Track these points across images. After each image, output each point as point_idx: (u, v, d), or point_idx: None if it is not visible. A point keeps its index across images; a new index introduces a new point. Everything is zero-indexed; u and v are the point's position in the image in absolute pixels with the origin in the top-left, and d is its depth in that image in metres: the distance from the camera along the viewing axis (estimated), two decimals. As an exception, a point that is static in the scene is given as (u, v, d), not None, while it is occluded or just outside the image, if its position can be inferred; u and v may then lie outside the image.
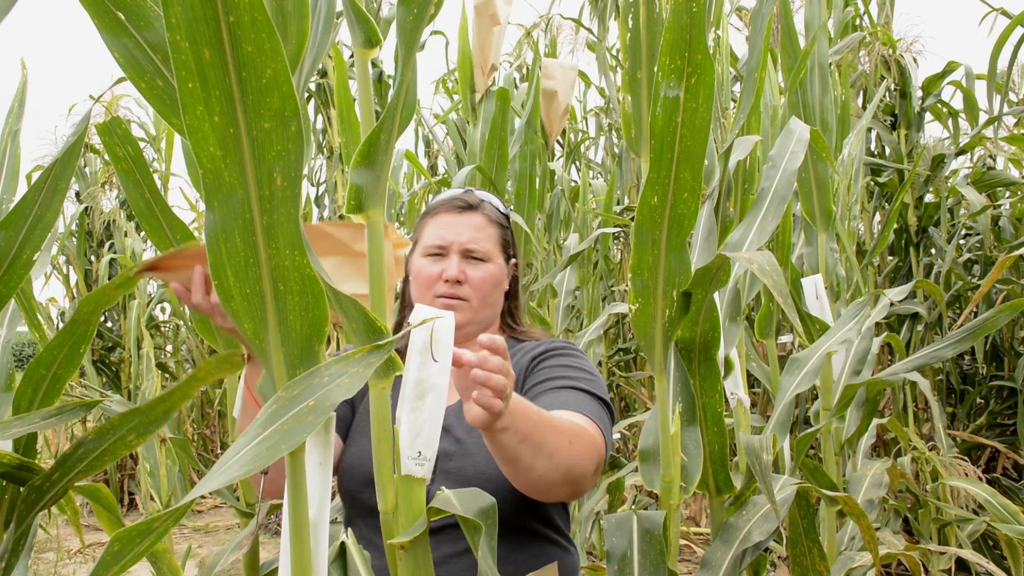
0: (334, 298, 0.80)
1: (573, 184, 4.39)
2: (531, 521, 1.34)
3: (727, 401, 1.67)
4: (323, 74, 5.20)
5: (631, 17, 1.24)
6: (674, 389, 1.30)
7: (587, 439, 1.17)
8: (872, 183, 4.01)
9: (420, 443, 0.87)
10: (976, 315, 3.74)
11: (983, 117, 3.80)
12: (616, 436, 3.30)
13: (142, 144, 5.37)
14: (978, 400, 4.05)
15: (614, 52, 4.90)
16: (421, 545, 0.85)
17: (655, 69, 1.17)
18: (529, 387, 1.34)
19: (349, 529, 1.08)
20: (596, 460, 1.19)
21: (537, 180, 3.08)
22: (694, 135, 1.08)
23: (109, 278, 5.39)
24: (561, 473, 1.12)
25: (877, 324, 2.39)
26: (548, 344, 1.43)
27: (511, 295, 1.54)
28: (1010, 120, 4.20)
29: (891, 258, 4.10)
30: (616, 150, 5.09)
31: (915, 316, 3.67)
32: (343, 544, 0.85)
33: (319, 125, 5.44)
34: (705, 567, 1.24)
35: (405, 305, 1.52)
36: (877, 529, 2.45)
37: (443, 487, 1.24)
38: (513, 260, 1.53)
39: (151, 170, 1.42)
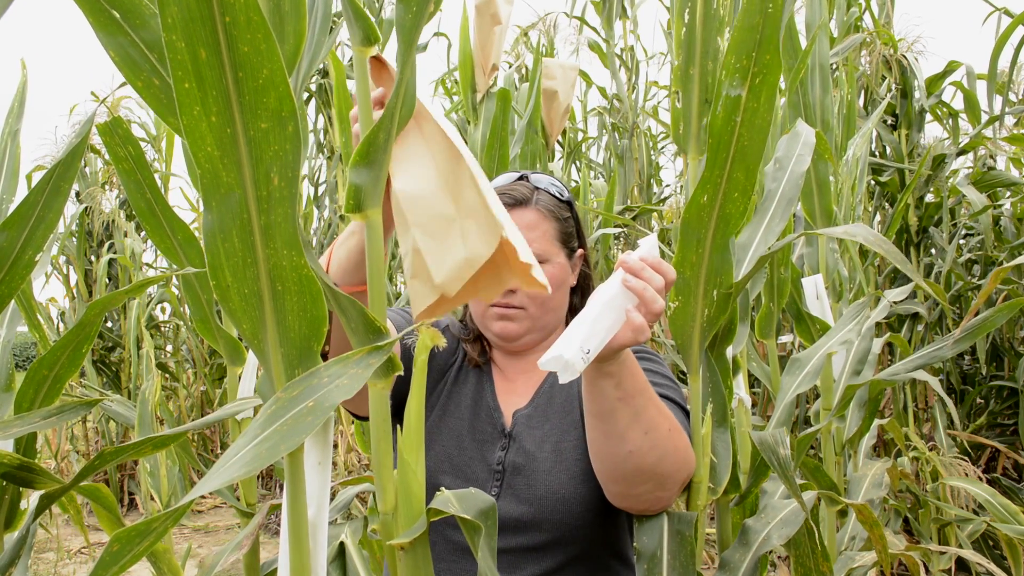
0: (332, 297, 0.79)
1: (574, 184, 4.39)
2: (603, 552, 1.25)
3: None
4: (324, 74, 5.20)
5: (687, 12, 1.22)
6: (704, 389, 1.28)
7: (684, 441, 1.11)
8: (873, 183, 4.01)
9: (590, 344, 0.95)
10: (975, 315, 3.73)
11: (984, 117, 3.80)
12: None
13: (142, 144, 5.37)
14: (978, 400, 4.05)
15: (617, 51, 4.90)
16: (421, 546, 0.85)
17: (709, 66, 1.17)
18: None
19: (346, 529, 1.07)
20: (687, 471, 1.11)
21: (537, 180, 3.07)
22: (752, 136, 1.07)
23: (109, 278, 5.40)
24: (653, 459, 1.05)
25: (878, 324, 2.39)
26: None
27: (580, 290, 1.40)
28: (1010, 120, 4.20)
29: (892, 258, 4.09)
30: (619, 151, 5.09)
31: (916, 316, 3.67)
32: (342, 544, 0.84)
33: (320, 125, 5.44)
34: (724, 568, 1.23)
35: (466, 306, 1.41)
36: (878, 529, 2.45)
37: (512, 506, 1.19)
38: (579, 252, 1.37)
39: (152, 170, 1.42)
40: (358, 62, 0.80)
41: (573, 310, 1.40)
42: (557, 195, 1.34)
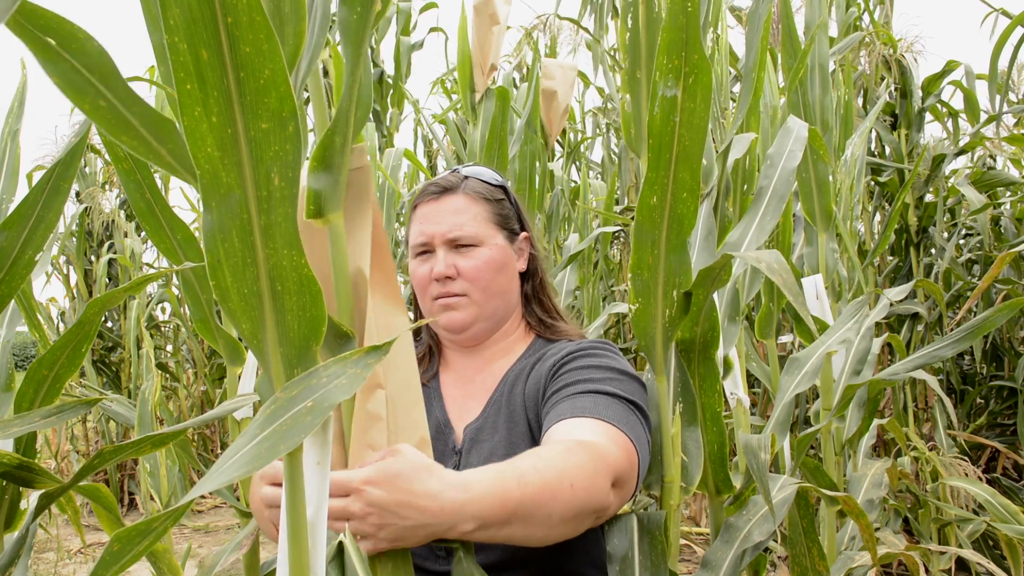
0: None
1: (573, 184, 4.39)
2: (574, 564, 1.19)
3: (727, 401, 1.67)
4: (324, 73, 5.20)
5: (630, 17, 1.24)
6: (674, 389, 1.29)
7: (592, 465, 0.98)
8: (872, 183, 4.01)
9: None
10: (975, 314, 3.74)
11: (984, 117, 3.80)
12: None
13: (142, 144, 5.35)
14: (978, 400, 4.05)
15: (611, 52, 4.90)
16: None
17: (654, 69, 1.17)
18: (547, 397, 1.18)
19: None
20: (612, 475, 1.00)
21: (537, 180, 3.08)
22: (692, 135, 1.07)
23: (109, 278, 5.40)
24: (570, 525, 0.96)
25: (877, 324, 2.40)
26: (575, 346, 1.25)
27: (530, 275, 1.36)
28: (1009, 120, 4.20)
29: (891, 258, 4.10)
30: (615, 149, 5.09)
31: (915, 316, 3.67)
32: (341, 544, 0.84)
33: (319, 125, 5.44)
34: (706, 567, 1.23)
35: (416, 310, 1.38)
36: (877, 529, 2.45)
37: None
38: (523, 234, 1.35)
39: (152, 170, 1.42)
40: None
41: (527, 297, 1.36)
42: (487, 180, 1.32)
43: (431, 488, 0.83)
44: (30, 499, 1.26)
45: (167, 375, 5.56)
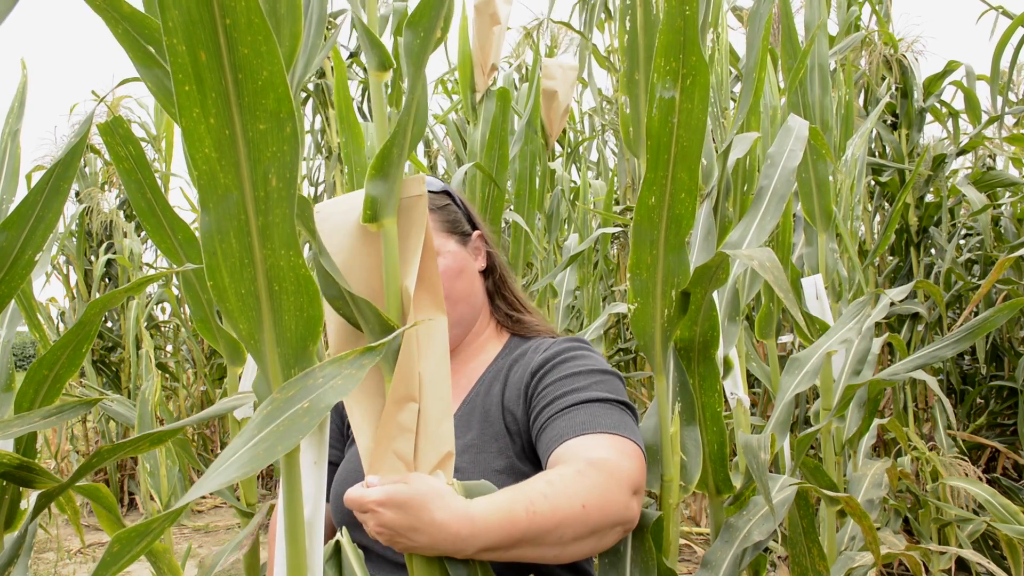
0: (350, 299, 0.81)
1: (573, 184, 4.38)
2: (549, 565, 1.17)
3: (727, 401, 1.67)
4: (321, 74, 5.20)
5: (628, 19, 1.25)
6: (673, 388, 1.29)
7: (606, 483, 0.99)
8: (873, 183, 4.01)
9: None
10: (976, 315, 3.74)
11: (985, 117, 3.79)
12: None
13: (143, 144, 5.36)
14: (978, 400, 4.04)
15: (602, 53, 4.89)
16: None
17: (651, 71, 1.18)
18: (536, 412, 1.17)
19: (344, 528, 1.06)
20: (630, 487, 1.02)
21: (537, 180, 3.07)
22: (690, 136, 1.08)
23: (108, 278, 5.40)
24: (588, 543, 0.97)
25: (877, 324, 2.39)
26: (549, 351, 1.24)
27: (490, 272, 1.35)
28: (1009, 120, 4.19)
29: (891, 258, 4.10)
30: (614, 149, 5.09)
31: (915, 316, 3.67)
32: (338, 543, 0.85)
33: (317, 125, 5.45)
34: (706, 567, 1.24)
35: None
36: (877, 529, 2.45)
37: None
38: (476, 233, 1.34)
39: (152, 170, 1.42)
40: (374, 86, 0.86)
41: (490, 294, 1.35)
42: (429, 189, 1.30)
43: (437, 517, 0.85)
44: (30, 499, 1.26)
45: (167, 375, 5.56)
